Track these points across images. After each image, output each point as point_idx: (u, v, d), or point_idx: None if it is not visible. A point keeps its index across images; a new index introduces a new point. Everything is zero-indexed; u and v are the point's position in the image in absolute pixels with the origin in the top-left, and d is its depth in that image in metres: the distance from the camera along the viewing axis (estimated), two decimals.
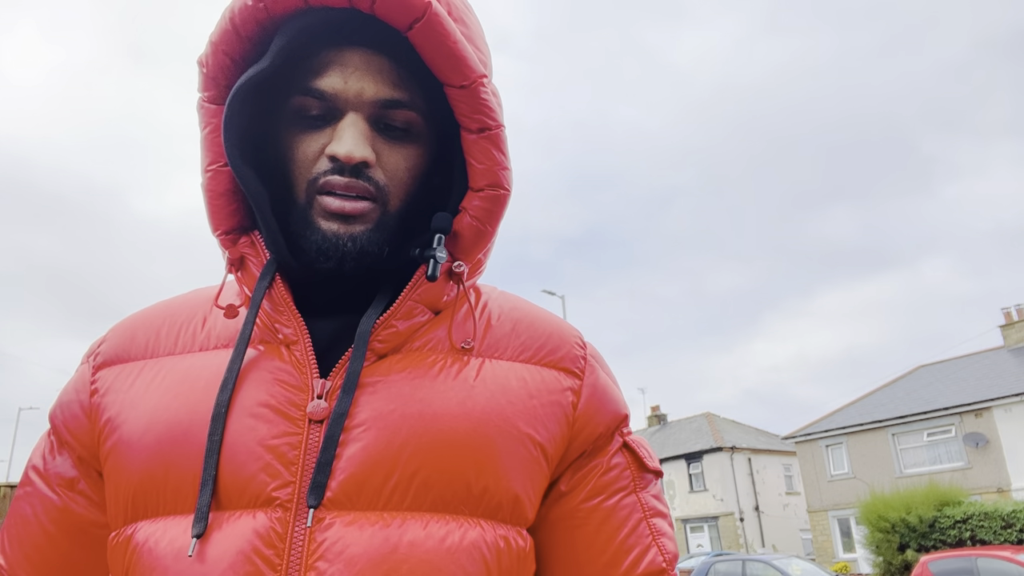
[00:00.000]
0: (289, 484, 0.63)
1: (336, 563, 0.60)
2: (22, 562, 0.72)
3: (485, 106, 0.68)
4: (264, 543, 0.61)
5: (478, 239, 0.73)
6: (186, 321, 0.76)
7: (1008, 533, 16.37)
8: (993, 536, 16.57)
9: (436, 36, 0.65)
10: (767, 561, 16.15)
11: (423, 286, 0.71)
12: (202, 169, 0.71)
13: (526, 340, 0.76)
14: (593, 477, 0.74)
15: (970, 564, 12.35)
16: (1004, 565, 11.97)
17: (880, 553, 18.29)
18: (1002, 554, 12.27)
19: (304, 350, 0.68)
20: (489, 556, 0.65)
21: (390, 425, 0.65)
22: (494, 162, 0.70)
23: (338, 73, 0.68)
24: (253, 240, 0.72)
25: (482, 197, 0.71)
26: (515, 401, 0.70)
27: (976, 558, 12.43)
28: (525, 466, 0.69)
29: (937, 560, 12.89)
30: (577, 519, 0.73)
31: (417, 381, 0.68)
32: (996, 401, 20.68)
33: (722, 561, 17.40)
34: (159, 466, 0.65)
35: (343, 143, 0.66)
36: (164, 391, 0.69)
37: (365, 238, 0.68)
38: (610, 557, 0.72)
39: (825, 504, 25.09)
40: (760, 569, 16.10)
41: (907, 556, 17.53)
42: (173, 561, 0.61)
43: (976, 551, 12.86)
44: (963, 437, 21.28)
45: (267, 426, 0.65)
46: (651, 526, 0.74)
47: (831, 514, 24.91)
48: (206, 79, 0.69)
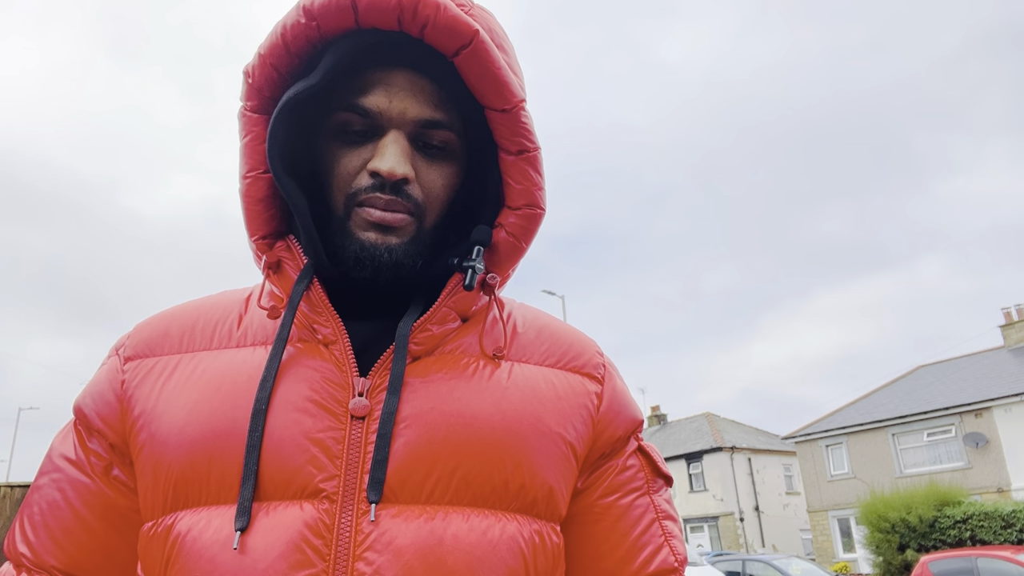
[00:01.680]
0: (335, 477, 0.65)
1: (385, 553, 0.62)
2: (51, 548, 0.72)
3: (525, 129, 0.72)
4: (313, 533, 0.62)
5: (513, 254, 0.76)
6: (221, 319, 0.78)
7: (1008, 533, 16.37)
8: (993, 536, 16.57)
9: (481, 62, 0.68)
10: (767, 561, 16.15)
11: (459, 294, 0.74)
12: (241, 175, 0.73)
13: (550, 347, 0.79)
14: (609, 476, 0.77)
15: (970, 564, 12.36)
16: (1004, 565, 11.98)
17: (880, 553, 18.29)
18: (1002, 554, 12.28)
19: (343, 349, 0.71)
20: (527, 550, 0.67)
21: (431, 423, 0.67)
22: (531, 183, 0.74)
23: (383, 92, 0.71)
24: (289, 244, 0.74)
25: (519, 215, 0.75)
26: (545, 402, 0.73)
27: (976, 558, 12.43)
28: (557, 463, 0.72)
29: (937, 560, 12.89)
30: (593, 515, 0.76)
31: (453, 382, 0.71)
32: (996, 401, 20.68)
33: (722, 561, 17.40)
34: (202, 457, 0.67)
35: (386, 160, 0.69)
36: (205, 385, 0.71)
37: (401, 250, 0.70)
38: (624, 553, 0.75)
39: (825, 504, 25.10)
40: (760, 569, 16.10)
41: (907, 556, 17.54)
42: (220, 550, 0.62)
43: (976, 551, 12.86)
44: (963, 437, 21.28)
45: (312, 420, 0.67)
46: (663, 527, 0.77)
47: (831, 514, 24.92)
48: (251, 89, 0.71)
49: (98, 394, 0.76)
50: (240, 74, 0.73)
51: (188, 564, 0.63)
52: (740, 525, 30.97)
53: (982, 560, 12.31)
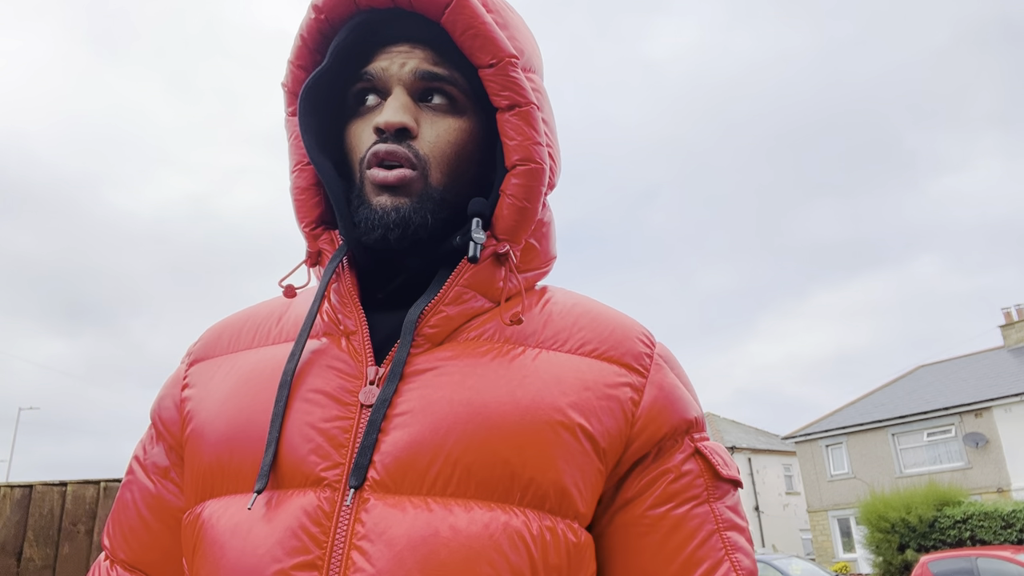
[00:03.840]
0: (338, 466, 0.65)
1: (378, 543, 0.61)
2: (122, 544, 0.79)
3: (514, 83, 0.72)
4: (311, 521, 0.63)
5: (521, 218, 0.74)
6: (265, 319, 0.82)
7: (1008, 533, 16.37)
8: (993, 536, 16.57)
9: (465, 18, 0.71)
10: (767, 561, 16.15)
11: (468, 270, 0.73)
12: (289, 172, 0.78)
13: (586, 334, 0.75)
14: (662, 484, 0.71)
15: (970, 564, 12.35)
16: (1004, 565, 11.97)
17: (880, 553, 18.29)
18: (1002, 554, 12.27)
19: (361, 339, 0.71)
20: (533, 546, 0.63)
21: (437, 412, 0.66)
22: (525, 137, 0.73)
23: (385, 57, 0.75)
24: (332, 237, 0.77)
25: (517, 174, 0.73)
26: (568, 392, 0.69)
27: (976, 558, 12.43)
28: (574, 458, 0.67)
29: (937, 560, 12.89)
30: (643, 527, 0.70)
31: (469, 369, 0.69)
32: (996, 401, 20.68)
33: None
34: (226, 450, 0.70)
35: (384, 113, 0.72)
36: (234, 381, 0.75)
37: (408, 208, 0.71)
38: (677, 569, 0.69)
39: (825, 504, 25.09)
40: (760, 569, 16.09)
41: (907, 556, 17.53)
42: (231, 535, 0.65)
43: (976, 551, 12.86)
44: (963, 437, 21.27)
45: (320, 410, 0.68)
46: (724, 539, 0.71)
47: (831, 514, 24.91)
48: (289, 95, 0.78)
49: (162, 399, 0.81)
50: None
51: (205, 549, 0.66)
52: None
53: (982, 560, 12.31)
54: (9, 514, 3.73)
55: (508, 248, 0.74)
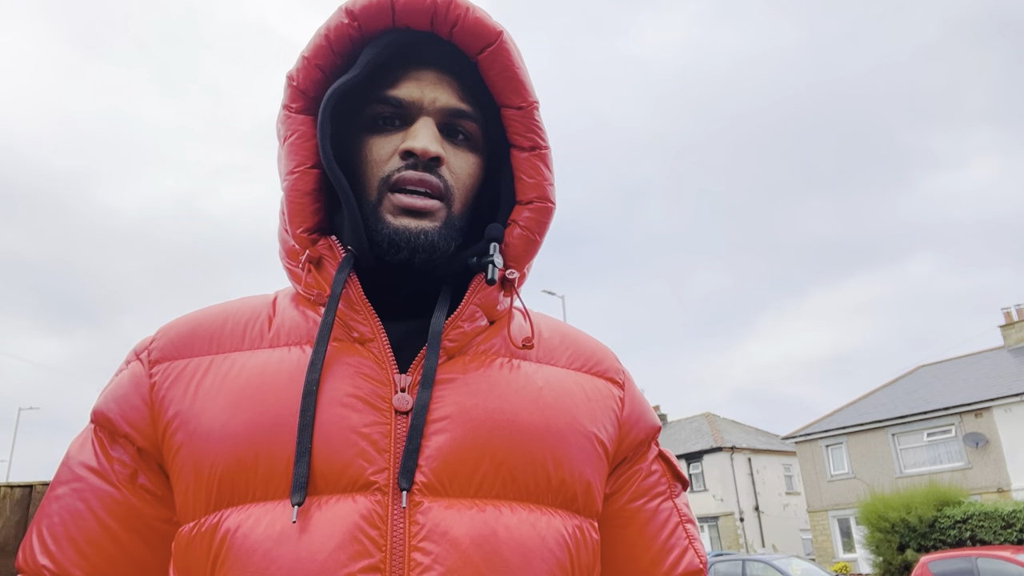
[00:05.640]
0: (384, 470, 0.66)
1: (442, 543, 0.64)
2: (77, 560, 0.70)
3: (537, 127, 0.78)
4: (368, 524, 0.64)
5: (528, 248, 0.80)
6: (251, 321, 0.78)
7: (1008, 533, 16.37)
8: (993, 536, 16.57)
9: (503, 61, 0.75)
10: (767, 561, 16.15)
11: (483, 290, 0.77)
12: (285, 172, 0.76)
13: (575, 352, 0.83)
14: (636, 481, 0.81)
15: (970, 564, 12.35)
16: (1004, 565, 11.97)
17: (880, 553, 18.29)
18: (1002, 554, 12.27)
19: (382, 347, 0.73)
20: (571, 544, 0.70)
21: (475, 418, 0.70)
22: (542, 177, 0.79)
23: (414, 84, 0.76)
24: (331, 244, 0.76)
25: (531, 209, 0.79)
26: (578, 403, 0.77)
27: (976, 558, 12.43)
28: (592, 461, 0.75)
29: (937, 560, 12.89)
30: (623, 519, 0.80)
31: (492, 380, 0.74)
32: (996, 401, 20.67)
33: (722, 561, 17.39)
34: (248, 453, 0.67)
35: (419, 139, 0.73)
36: (244, 383, 0.71)
37: (435, 233, 0.73)
38: (654, 555, 0.79)
39: (825, 504, 25.09)
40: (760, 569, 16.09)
41: (907, 556, 17.53)
42: (275, 544, 0.63)
43: (976, 551, 12.86)
44: (963, 437, 21.27)
45: (358, 415, 0.68)
46: (686, 530, 0.82)
47: (831, 514, 24.91)
48: (295, 91, 0.76)
49: (123, 398, 0.75)
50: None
51: (241, 561, 0.63)
52: (740, 525, 30.97)
53: (982, 560, 12.30)
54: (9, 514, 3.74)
55: (516, 275, 0.79)
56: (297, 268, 0.78)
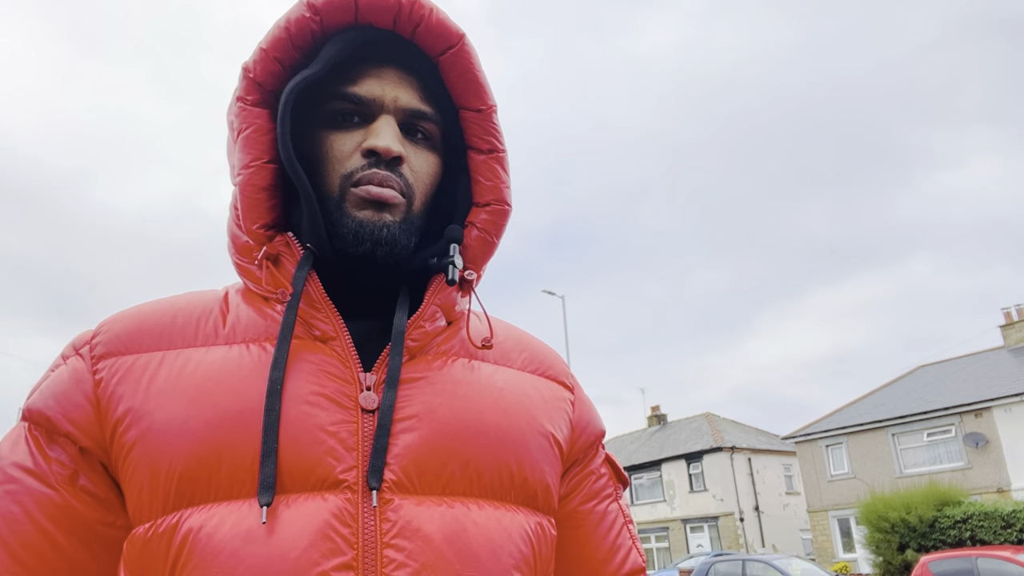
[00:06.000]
0: (353, 468, 0.66)
1: (414, 540, 0.64)
2: (11, 566, 0.66)
3: (496, 130, 0.79)
4: (340, 522, 0.64)
5: (485, 250, 0.80)
6: (203, 316, 0.76)
7: (1008, 533, 16.37)
8: (993, 536, 16.57)
9: (464, 63, 0.76)
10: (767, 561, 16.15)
11: (443, 290, 0.78)
12: (240, 166, 0.75)
13: (529, 355, 0.85)
14: (588, 484, 0.84)
15: (970, 564, 12.35)
16: (1004, 565, 11.97)
17: (880, 553, 18.29)
18: (1002, 554, 12.27)
19: (345, 345, 0.72)
20: (534, 540, 0.72)
21: (441, 417, 0.71)
22: (499, 180, 0.80)
23: (375, 81, 0.76)
24: (289, 241, 0.75)
25: (488, 211, 0.80)
26: (536, 404, 0.79)
27: (976, 558, 12.43)
28: (550, 460, 0.77)
29: (937, 560, 12.89)
30: (576, 520, 0.82)
31: (456, 380, 0.75)
32: (996, 401, 20.68)
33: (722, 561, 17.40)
34: (210, 451, 0.65)
35: (382, 138, 0.73)
36: (201, 380, 0.69)
37: (396, 227, 0.73)
38: (603, 555, 0.82)
39: (825, 504, 25.09)
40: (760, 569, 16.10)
41: (907, 556, 17.54)
42: (243, 543, 0.61)
43: (976, 551, 12.86)
44: (963, 437, 21.28)
45: (325, 413, 0.68)
46: (629, 531, 0.86)
47: (831, 514, 24.91)
48: (252, 83, 0.75)
49: (63, 395, 0.70)
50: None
51: (205, 561, 0.61)
52: (740, 525, 30.97)
53: (982, 560, 12.30)
54: None
55: (474, 276, 0.80)
56: (250, 265, 0.77)
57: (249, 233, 0.75)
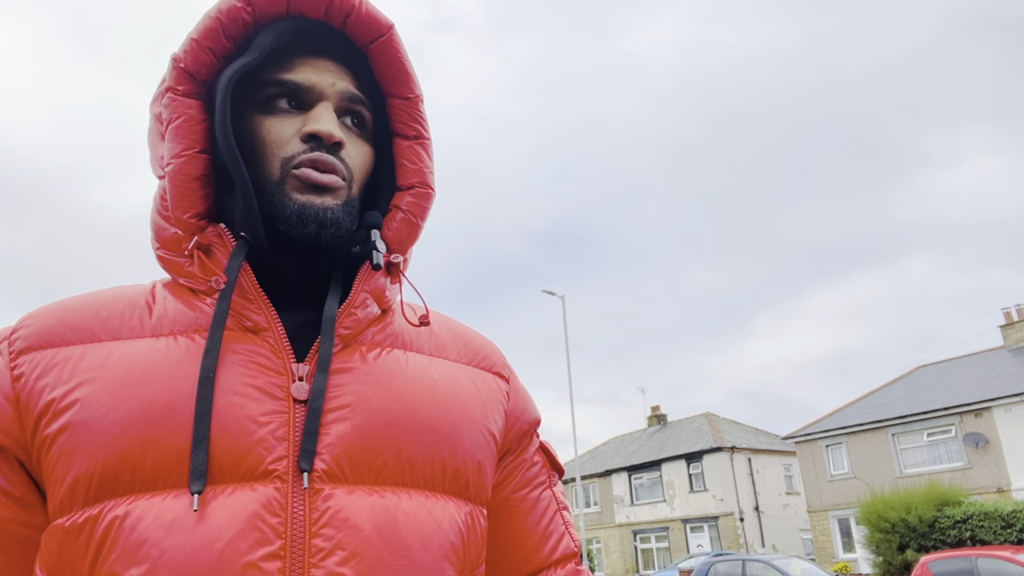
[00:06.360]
0: (284, 458, 0.66)
1: (343, 529, 0.65)
2: None
3: (422, 118, 0.82)
4: (268, 512, 0.63)
5: (410, 232, 0.81)
6: (128, 309, 0.74)
7: (1008, 533, 16.38)
8: (993, 536, 16.58)
9: (393, 52, 0.78)
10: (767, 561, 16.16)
11: (371, 276, 0.78)
12: (170, 156, 0.74)
13: (464, 346, 0.86)
14: (520, 471, 0.86)
15: (970, 564, 12.36)
16: (1004, 565, 11.98)
17: (880, 553, 18.30)
18: (1002, 554, 12.28)
19: (277, 336, 0.72)
20: (463, 529, 0.73)
21: (374, 407, 0.71)
22: (423, 164, 0.82)
23: (311, 69, 0.77)
24: (220, 232, 0.75)
25: (413, 194, 0.81)
26: (471, 395, 0.80)
27: (976, 558, 12.43)
28: (483, 451, 0.78)
29: (937, 560, 12.89)
30: (508, 507, 0.84)
31: (390, 371, 0.75)
32: (996, 401, 20.68)
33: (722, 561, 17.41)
34: (134, 444, 0.64)
35: (323, 123, 0.74)
36: (126, 372, 0.68)
37: (339, 210, 0.74)
38: (536, 541, 0.84)
39: (825, 504, 25.09)
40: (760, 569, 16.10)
41: (907, 556, 17.54)
42: (167, 533, 0.61)
43: (976, 551, 12.86)
44: (963, 437, 21.28)
45: (256, 404, 0.67)
46: (563, 517, 0.88)
47: (831, 514, 24.91)
48: (182, 74, 0.74)
49: None
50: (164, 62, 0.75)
51: (128, 551, 0.60)
52: (740, 525, 30.98)
53: (982, 560, 12.31)
54: None
55: (400, 259, 0.80)
56: (178, 257, 0.76)
57: (179, 223, 0.74)
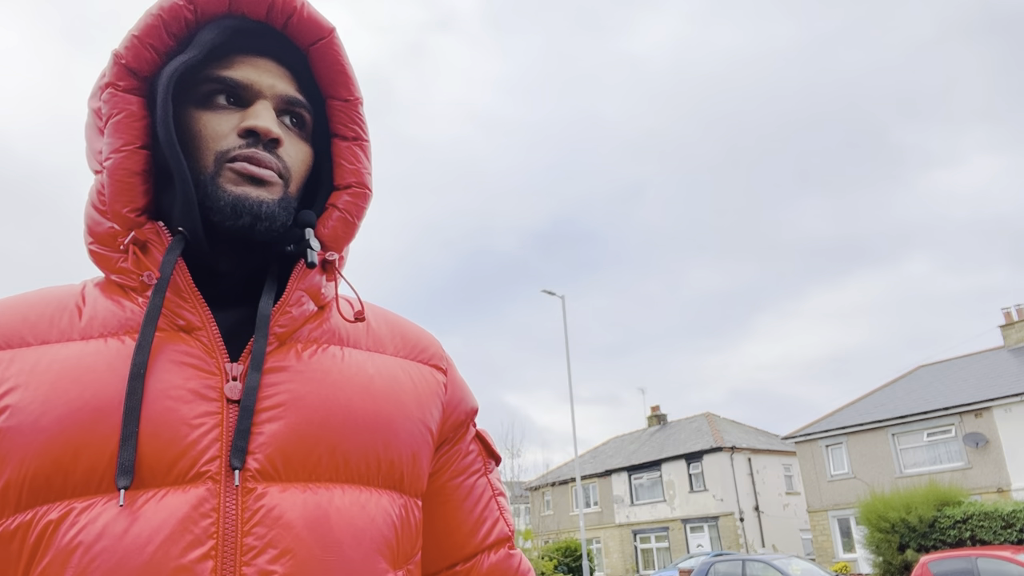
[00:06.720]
0: (216, 459, 0.66)
1: (275, 527, 0.65)
2: None
3: (361, 120, 0.83)
4: (200, 514, 0.63)
5: (347, 230, 0.82)
6: (56, 312, 0.73)
7: (1008, 533, 16.38)
8: (993, 536, 16.58)
9: (333, 54, 0.80)
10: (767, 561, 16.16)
11: (306, 274, 0.78)
12: (109, 151, 0.74)
13: (402, 340, 0.87)
14: (456, 460, 0.88)
15: (970, 564, 12.36)
16: (1004, 565, 11.98)
17: (880, 553, 18.30)
18: (1002, 554, 12.28)
19: (211, 335, 0.72)
20: (397, 522, 0.74)
21: (308, 405, 0.71)
22: (361, 164, 0.83)
23: (251, 68, 0.77)
24: (158, 229, 0.74)
25: (350, 194, 0.82)
26: (407, 389, 0.81)
27: (976, 558, 12.43)
28: (419, 444, 0.79)
29: (937, 560, 12.89)
30: (444, 495, 0.86)
31: (325, 368, 0.75)
32: (996, 401, 20.67)
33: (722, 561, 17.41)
34: (65, 450, 0.63)
35: (261, 119, 0.74)
36: (56, 376, 0.67)
37: (275, 205, 0.74)
38: (471, 527, 0.87)
39: (825, 504, 25.09)
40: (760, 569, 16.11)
41: (907, 556, 17.54)
42: (98, 538, 0.61)
43: (976, 551, 12.86)
44: (963, 437, 21.28)
45: (187, 407, 0.67)
46: (497, 503, 0.91)
47: (831, 514, 24.91)
48: (123, 70, 0.74)
49: None
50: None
51: (59, 558, 0.60)
52: (740, 525, 30.97)
53: (982, 560, 12.31)
54: None
55: (336, 257, 0.81)
56: (111, 252, 0.75)
57: (117, 217, 0.74)
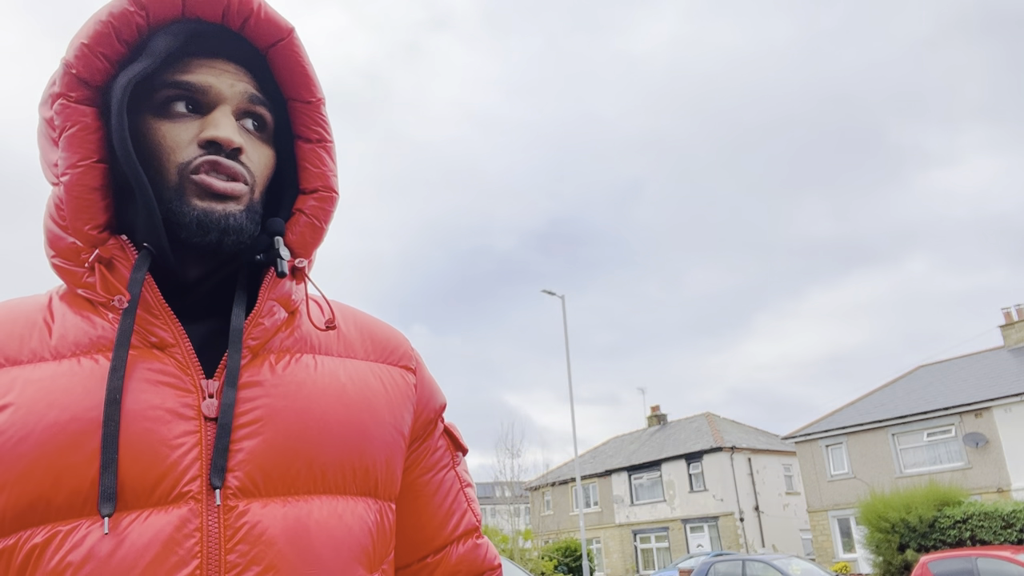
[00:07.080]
0: (197, 478, 0.66)
1: (257, 544, 0.65)
2: None
3: (324, 121, 0.81)
4: (184, 534, 0.64)
5: (314, 235, 0.81)
6: (25, 328, 0.72)
7: (1008, 533, 16.38)
8: (993, 536, 16.58)
9: (294, 56, 0.77)
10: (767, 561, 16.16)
11: (277, 284, 0.78)
12: (65, 166, 0.71)
13: (372, 342, 0.86)
14: (425, 456, 0.89)
15: (970, 564, 12.36)
16: (1004, 565, 11.98)
17: (880, 553, 18.30)
18: (1002, 554, 12.28)
19: (185, 352, 0.71)
20: (373, 528, 0.75)
21: (285, 419, 0.72)
22: (327, 167, 0.81)
23: (209, 71, 0.75)
24: (123, 244, 0.73)
25: (316, 198, 0.81)
26: (379, 395, 0.81)
27: (976, 558, 12.43)
28: (392, 450, 0.80)
29: (937, 560, 12.90)
30: (415, 491, 0.88)
31: (299, 380, 0.75)
32: (996, 401, 20.67)
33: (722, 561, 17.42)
34: (46, 475, 0.63)
35: (222, 129, 0.72)
36: (31, 401, 0.66)
37: (242, 216, 0.73)
38: (440, 520, 0.89)
39: (825, 504, 25.09)
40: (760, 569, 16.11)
41: (907, 556, 17.54)
42: (83, 563, 0.61)
43: (976, 551, 12.86)
44: (963, 437, 21.28)
45: (166, 427, 0.67)
46: (465, 495, 0.93)
47: (831, 514, 24.91)
48: (74, 80, 0.71)
49: None
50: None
51: None
52: (740, 525, 30.97)
53: (982, 560, 12.31)
54: None
55: (305, 263, 0.80)
56: (75, 267, 0.73)
57: (78, 234, 0.72)
